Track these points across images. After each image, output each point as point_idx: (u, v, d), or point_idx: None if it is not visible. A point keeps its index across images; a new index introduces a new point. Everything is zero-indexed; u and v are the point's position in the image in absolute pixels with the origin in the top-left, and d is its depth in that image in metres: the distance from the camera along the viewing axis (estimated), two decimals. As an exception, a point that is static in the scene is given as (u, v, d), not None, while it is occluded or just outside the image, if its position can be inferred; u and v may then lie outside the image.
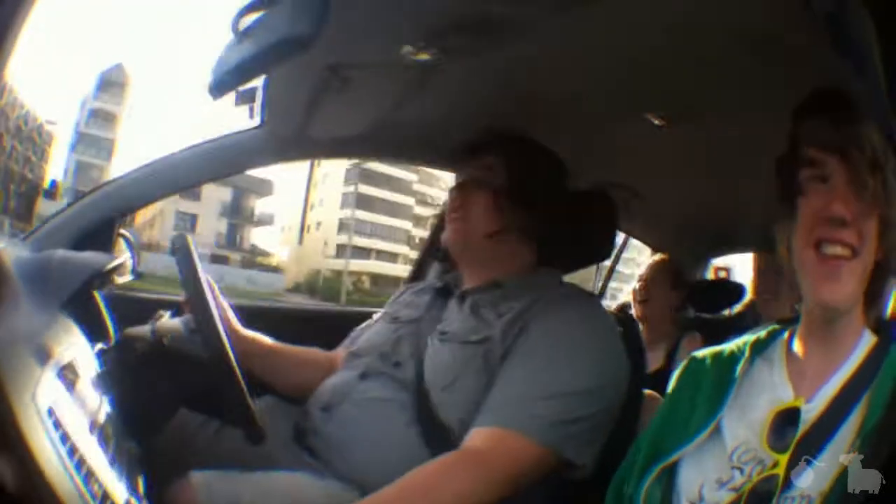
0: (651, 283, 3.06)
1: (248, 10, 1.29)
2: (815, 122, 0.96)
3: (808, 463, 0.89)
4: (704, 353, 1.15)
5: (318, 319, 2.44)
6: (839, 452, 0.88)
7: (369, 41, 1.48)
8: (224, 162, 2.03)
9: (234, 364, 1.29)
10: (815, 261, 0.93)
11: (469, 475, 1.29)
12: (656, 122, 1.82)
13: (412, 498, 1.26)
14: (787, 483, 0.90)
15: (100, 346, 1.37)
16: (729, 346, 1.11)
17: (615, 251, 3.52)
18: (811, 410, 0.93)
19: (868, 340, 0.97)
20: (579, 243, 1.79)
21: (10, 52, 0.66)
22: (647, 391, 1.68)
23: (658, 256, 3.23)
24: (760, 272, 2.62)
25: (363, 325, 1.82)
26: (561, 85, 1.65)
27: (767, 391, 1.01)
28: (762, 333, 1.09)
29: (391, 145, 2.18)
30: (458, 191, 1.64)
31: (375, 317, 1.82)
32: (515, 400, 1.36)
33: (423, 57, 1.48)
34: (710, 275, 3.71)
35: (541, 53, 1.49)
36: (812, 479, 0.88)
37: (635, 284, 3.14)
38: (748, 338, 1.10)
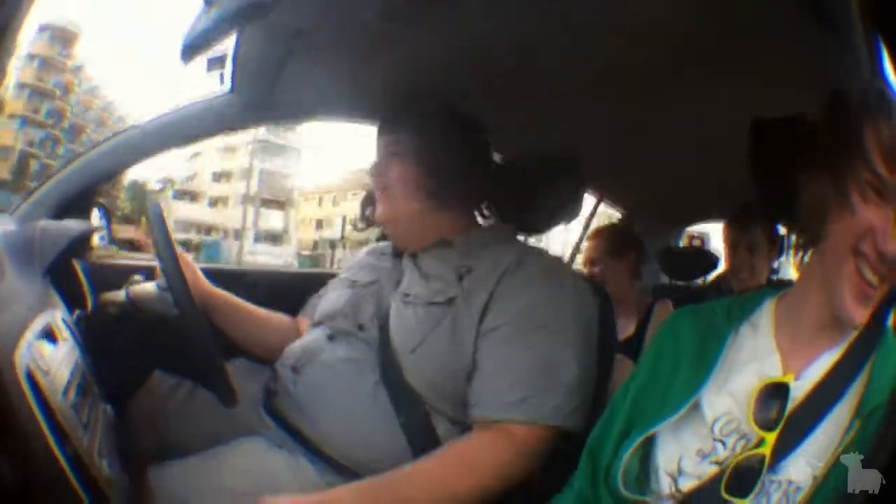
0: (590, 260, 2.96)
1: None
2: (873, 129, 0.86)
3: (796, 445, 0.88)
4: (682, 316, 1.12)
5: (280, 281, 2.47)
6: (832, 437, 0.86)
7: (331, 6, 1.50)
8: (196, 127, 2.06)
9: (205, 322, 1.34)
10: (853, 276, 0.88)
11: (491, 467, 1.34)
12: (622, 87, 1.82)
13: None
14: (774, 465, 0.88)
15: (78, 312, 1.40)
16: (710, 308, 1.08)
17: (587, 214, 3.43)
18: (800, 388, 0.91)
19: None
20: (541, 205, 1.81)
21: (11, 52, 0.68)
22: (619, 356, 1.70)
23: (591, 233, 3.12)
24: (733, 248, 2.57)
25: (319, 292, 1.85)
26: (516, 50, 1.65)
27: (752, 360, 0.97)
28: (747, 298, 1.06)
29: (349, 108, 2.20)
30: (377, 168, 1.66)
31: (331, 283, 1.84)
32: (510, 388, 1.37)
33: (382, 22, 1.49)
34: (683, 242, 3.65)
35: (499, 19, 1.49)
36: (801, 465, 0.87)
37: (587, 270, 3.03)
38: (733, 300, 1.07)
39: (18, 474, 0.71)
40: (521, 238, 1.76)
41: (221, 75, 1.82)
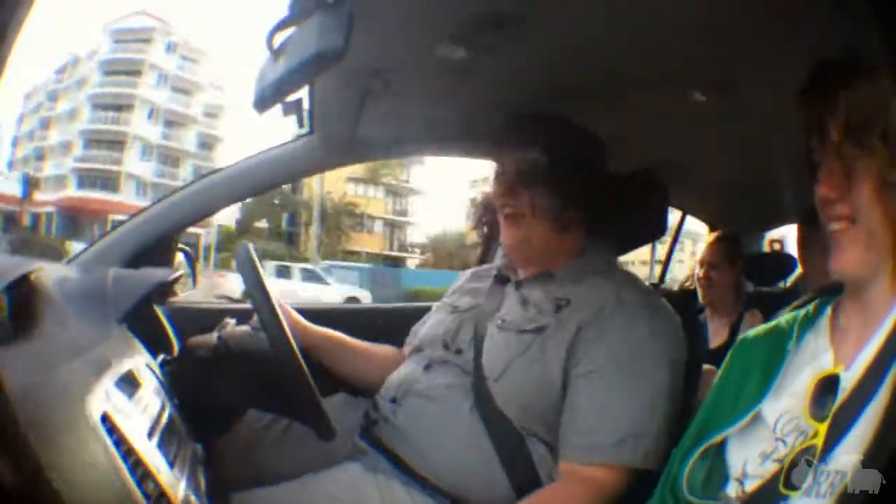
0: (710, 265, 3.07)
1: (280, 26, 1.32)
2: (805, 112, 0.99)
3: (844, 434, 0.89)
4: (755, 332, 1.16)
5: (379, 317, 2.48)
6: (871, 425, 0.86)
7: (404, 44, 1.51)
8: (279, 171, 2.09)
9: (301, 359, 1.33)
10: (829, 237, 0.96)
11: None
12: (699, 96, 1.78)
13: None
14: (825, 455, 0.90)
15: (162, 356, 1.44)
16: (780, 323, 1.12)
17: (672, 229, 3.46)
18: (849, 378, 0.93)
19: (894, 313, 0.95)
20: (630, 224, 1.78)
21: (10, 52, 0.68)
22: (706, 366, 1.66)
23: (713, 236, 3.24)
24: (806, 249, 2.53)
25: (423, 319, 1.84)
26: (594, 68, 1.63)
27: (813, 360, 1.00)
28: (810, 308, 1.09)
29: (436, 141, 2.21)
30: (506, 187, 1.60)
31: (434, 307, 1.84)
32: (608, 432, 1.39)
33: (457, 54, 1.49)
34: (765, 247, 3.73)
35: (572, 36, 1.48)
36: (847, 453, 0.88)
37: (697, 270, 3.15)
38: (797, 314, 1.10)
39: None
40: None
41: (300, 118, 1.84)
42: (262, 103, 1.43)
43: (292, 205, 37.89)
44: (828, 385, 0.94)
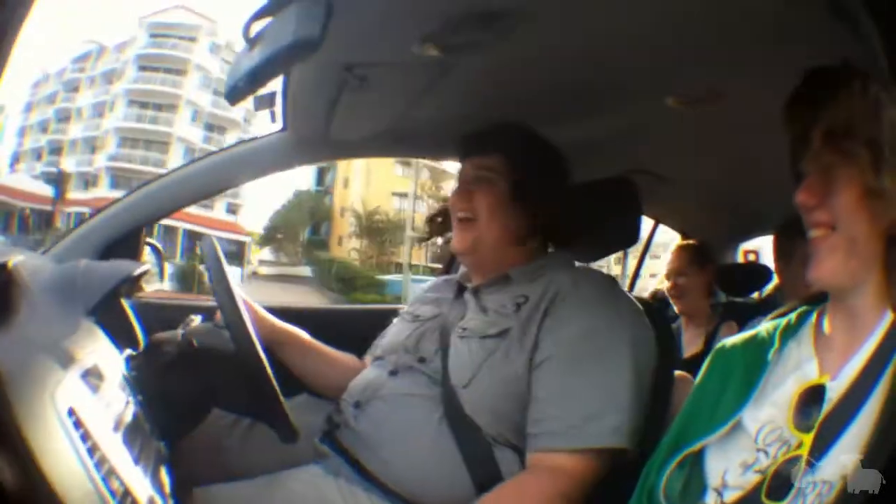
0: (677, 272, 3.11)
1: (256, 16, 1.31)
2: (789, 112, 1.01)
3: (830, 445, 0.89)
4: (734, 341, 1.16)
5: (344, 318, 2.47)
6: (861, 435, 0.87)
7: (380, 40, 1.50)
8: (250, 166, 2.07)
9: (264, 359, 1.31)
10: (809, 244, 0.97)
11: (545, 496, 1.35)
12: (672, 104, 1.79)
13: None
14: (810, 466, 0.89)
15: (128, 351, 1.41)
16: (760, 333, 1.11)
17: (644, 237, 3.50)
18: (835, 389, 0.93)
19: (884, 324, 0.95)
20: (600, 231, 1.79)
21: (10, 52, 0.67)
22: (679, 373, 1.67)
23: (679, 243, 3.28)
24: (784, 260, 2.54)
25: (383, 332, 1.83)
26: (572, 73, 1.64)
27: (796, 370, 1.00)
28: (792, 317, 1.09)
29: (409, 142, 2.20)
30: (463, 193, 1.64)
31: (395, 320, 1.83)
32: (565, 416, 1.38)
33: (433, 54, 1.48)
34: (739, 258, 3.76)
35: (548, 42, 1.48)
36: (833, 463, 0.88)
37: (666, 283, 3.19)
38: (778, 323, 1.10)
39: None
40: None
41: (272, 113, 1.83)
42: (235, 94, 1.42)
43: (323, 213, 37.61)
44: (813, 395, 0.94)
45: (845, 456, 0.87)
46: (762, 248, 3.79)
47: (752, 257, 3.76)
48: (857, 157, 0.90)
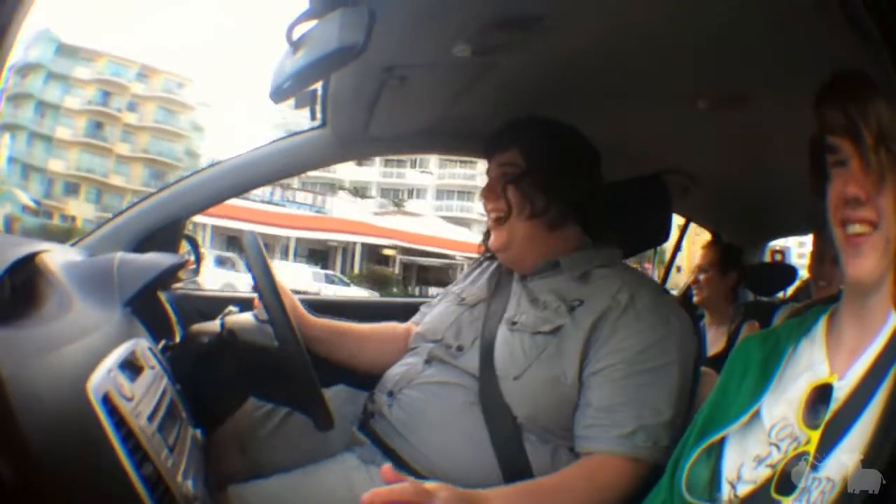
0: (700, 268, 3.18)
1: (301, 19, 1.33)
2: (829, 110, 0.98)
3: (836, 443, 0.90)
4: (755, 335, 1.18)
5: (383, 310, 2.48)
6: (864, 435, 0.88)
7: (420, 43, 1.51)
8: (289, 162, 2.10)
9: (304, 350, 1.34)
10: (843, 240, 0.96)
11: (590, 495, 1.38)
12: (702, 106, 1.79)
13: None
14: (817, 462, 0.91)
15: (164, 341, 1.44)
16: (777, 330, 1.13)
17: (675, 236, 3.48)
18: (843, 388, 0.94)
19: (891, 323, 0.96)
20: (632, 228, 1.80)
21: (10, 52, 0.68)
22: (704, 368, 1.66)
23: (707, 242, 3.32)
24: (817, 257, 2.57)
25: (433, 302, 1.86)
26: (604, 74, 1.65)
27: (808, 369, 1.01)
28: (808, 316, 1.10)
29: (447, 140, 2.22)
30: (489, 192, 1.65)
31: (442, 294, 1.86)
32: (619, 424, 1.40)
33: (472, 55, 1.50)
34: (766, 257, 3.75)
35: (581, 43, 1.49)
36: (838, 463, 0.89)
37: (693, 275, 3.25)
38: (795, 321, 1.12)
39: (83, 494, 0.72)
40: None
41: (312, 110, 1.85)
42: (279, 94, 1.44)
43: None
44: (821, 394, 0.96)
45: (847, 455, 0.88)
46: (788, 247, 3.80)
47: (778, 257, 3.76)
48: None
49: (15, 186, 35.12)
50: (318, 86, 1.78)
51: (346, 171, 41.84)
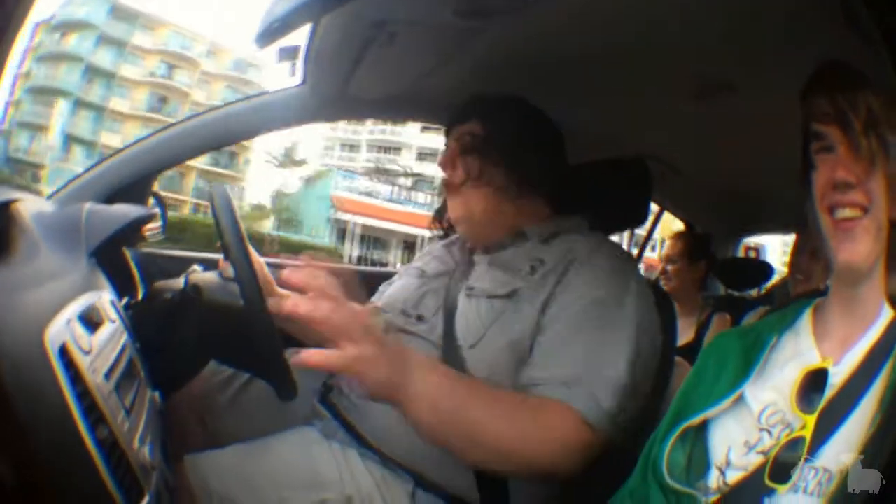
0: (668, 258, 3.20)
1: None
2: (816, 98, 0.99)
3: (834, 430, 0.90)
4: (732, 332, 1.19)
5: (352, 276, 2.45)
6: (861, 425, 0.88)
7: None
8: (262, 119, 2.02)
9: (270, 314, 1.26)
10: (831, 226, 0.95)
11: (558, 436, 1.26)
12: (686, 96, 1.80)
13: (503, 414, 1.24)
14: (813, 449, 0.90)
15: (127, 298, 1.38)
16: (757, 325, 1.14)
17: (649, 221, 3.50)
18: (838, 374, 0.94)
19: (888, 314, 0.96)
20: (611, 207, 1.77)
21: (10, 52, 0.67)
22: (678, 358, 1.67)
23: (676, 231, 3.36)
24: (796, 252, 2.55)
25: (392, 278, 1.81)
26: (589, 53, 1.62)
27: (795, 357, 1.01)
28: (789, 310, 1.10)
29: (425, 107, 2.16)
30: (445, 161, 1.61)
31: (401, 269, 1.81)
32: (561, 374, 1.30)
33: (466, 17, 1.46)
34: (740, 252, 3.77)
35: (570, 18, 1.47)
36: (835, 450, 0.89)
37: (661, 266, 3.28)
38: (773, 318, 1.12)
39: (28, 456, 0.66)
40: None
41: (293, 66, 1.80)
42: (266, 36, 1.37)
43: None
44: (815, 379, 0.95)
45: (845, 446, 0.88)
46: (764, 245, 3.85)
47: (752, 254, 3.82)
48: (890, 146, 0.92)
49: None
50: (303, 42, 1.73)
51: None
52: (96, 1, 35.69)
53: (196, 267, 1.55)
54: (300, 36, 1.68)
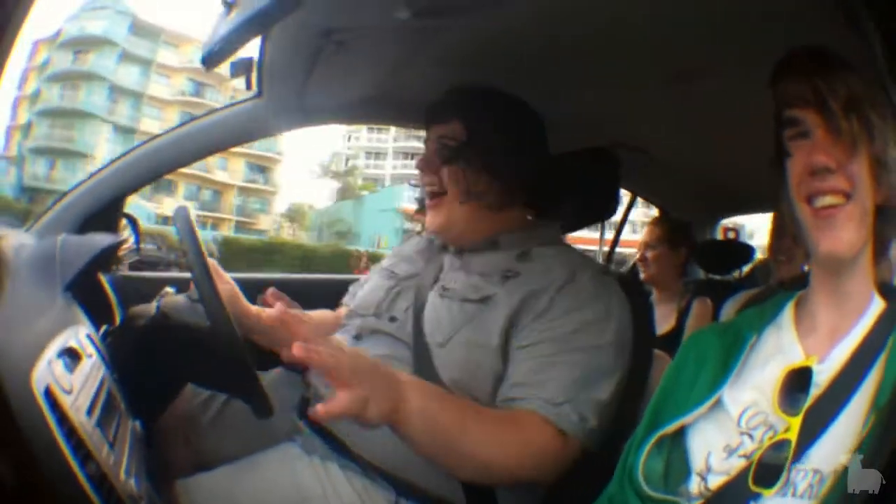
0: (647, 245, 3.11)
1: None
2: (789, 82, 0.96)
3: (821, 431, 0.87)
4: (712, 328, 1.15)
5: (323, 287, 2.45)
6: (853, 424, 0.86)
7: (361, 4, 1.46)
8: (225, 134, 2.02)
9: (237, 333, 1.28)
10: (810, 215, 0.93)
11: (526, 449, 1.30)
12: (656, 80, 1.78)
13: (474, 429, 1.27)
14: (800, 451, 0.87)
15: (105, 327, 1.38)
16: (736, 321, 1.10)
17: (622, 211, 3.41)
18: (823, 372, 0.91)
19: (878, 304, 0.94)
20: (580, 200, 1.78)
21: (10, 52, 0.67)
22: (656, 352, 1.65)
23: (654, 218, 3.28)
24: (777, 233, 2.53)
25: (361, 280, 1.80)
26: (556, 42, 1.58)
27: (777, 354, 0.98)
28: (769, 304, 1.07)
29: (388, 109, 2.14)
30: (425, 166, 1.58)
31: (372, 270, 1.79)
32: (543, 393, 1.33)
33: (413, 17, 1.43)
34: (718, 235, 3.69)
35: (535, 9, 1.43)
36: (825, 452, 0.86)
37: (639, 252, 3.18)
38: (753, 311, 1.09)
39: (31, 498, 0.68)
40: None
41: (248, 79, 1.78)
42: (211, 59, 1.38)
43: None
44: (799, 378, 0.92)
45: (836, 447, 0.85)
46: (743, 225, 3.73)
47: (731, 235, 3.69)
48: (874, 127, 0.89)
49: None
50: (255, 55, 1.72)
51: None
52: (112, 16, 34.39)
53: (169, 289, 1.54)
54: (252, 48, 1.67)
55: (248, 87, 1.83)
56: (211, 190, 37.42)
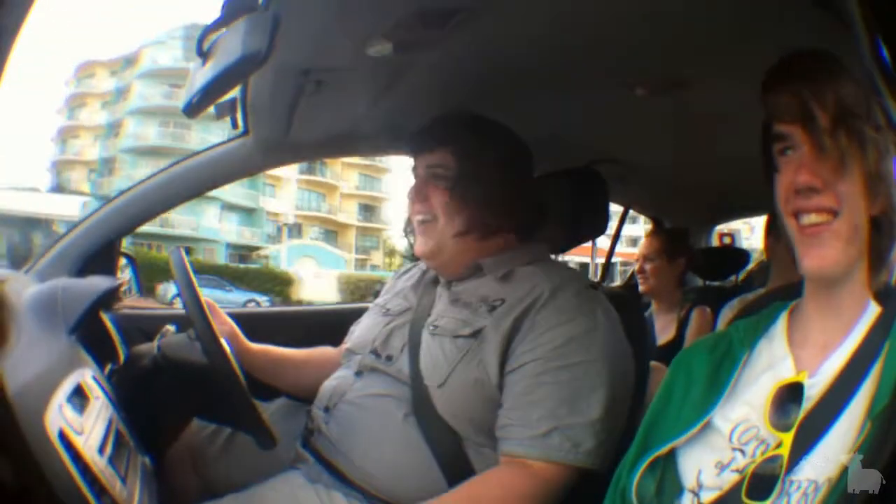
0: (645, 257, 3.09)
1: (208, 31, 1.30)
2: (777, 93, 0.93)
3: (814, 444, 0.86)
4: (704, 341, 1.12)
5: (321, 318, 2.48)
6: (847, 435, 0.84)
7: (334, 44, 1.47)
8: (215, 173, 2.06)
9: (237, 369, 1.32)
10: (797, 231, 0.91)
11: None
12: (639, 93, 1.76)
13: None
14: (792, 465, 0.86)
15: (110, 366, 1.42)
16: (727, 334, 1.08)
17: (615, 226, 3.45)
18: (815, 386, 0.89)
19: (873, 311, 0.92)
20: (567, 221, 1.78)
21: (10, 52, 0.67)
22: (654, 363, 1.66)
23: (650, 230, 3.26)
24: (773, 235, 2.48)
25: (359, 319, 1.80)
26: (534, 63, 1.59)
27: (768, 369, 0.97)
28: (763, 315, 1.06)
29: (372, 141, 2.16)
30: (416, 195, 1.59)
31: (369, 309, 1.80)
32: (535, 424, 1.36)
33: (387, 54, 1.46)
34: (714, 241, 3.68)
35: (507, 32, 1.45)
36: (818, 463, 0.85)
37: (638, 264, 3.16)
38: (749, 322, 1.07)
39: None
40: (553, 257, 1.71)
41: (233, 119, 1.83)
42: (192, 109, 1.40)
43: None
44: (790, 393, 0.91)
45: (829, 458, 0.84)
46: (738, 230, 3.69)
47: (727, 240, 3.69)
48: (867, 140, 0.87)
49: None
50: (237, 94, 1.76)
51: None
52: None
53: (169, 327, 1.57)
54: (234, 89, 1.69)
55: (234, 126, 1.86)
56: (333, 230, 39.35)
